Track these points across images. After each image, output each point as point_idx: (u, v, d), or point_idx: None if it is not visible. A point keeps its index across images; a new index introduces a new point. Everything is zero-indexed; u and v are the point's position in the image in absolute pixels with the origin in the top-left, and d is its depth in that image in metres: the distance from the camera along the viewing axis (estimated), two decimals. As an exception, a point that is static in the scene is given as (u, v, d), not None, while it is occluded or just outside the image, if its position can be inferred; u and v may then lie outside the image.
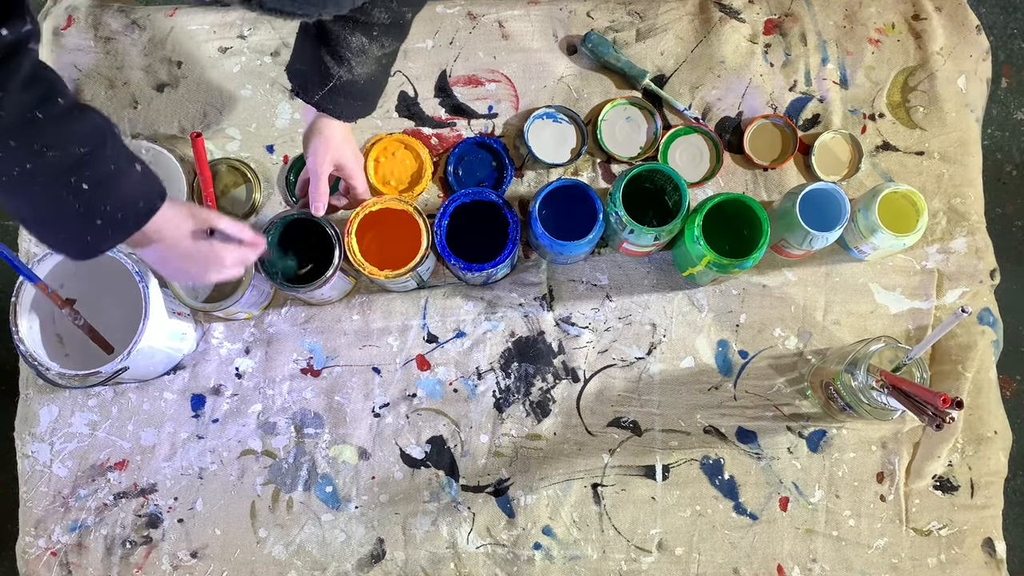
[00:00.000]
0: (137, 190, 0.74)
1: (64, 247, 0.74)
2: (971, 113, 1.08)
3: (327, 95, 0.85)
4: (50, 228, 0.73)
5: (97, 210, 0.71)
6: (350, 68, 0.83)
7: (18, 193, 0.69)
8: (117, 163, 0.72)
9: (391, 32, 0.83)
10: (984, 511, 1.00)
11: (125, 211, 0.73)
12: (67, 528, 1.00)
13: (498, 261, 0.94)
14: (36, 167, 0.67)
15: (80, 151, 0.68)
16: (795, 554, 0.99)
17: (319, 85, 0.84)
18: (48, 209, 0.70)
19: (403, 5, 0.81)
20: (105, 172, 0.70)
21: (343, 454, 1.01)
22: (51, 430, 1.02)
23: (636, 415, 1.02)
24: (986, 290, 1.05)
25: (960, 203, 1.06)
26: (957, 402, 0.77)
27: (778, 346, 1.03)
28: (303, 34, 0.86)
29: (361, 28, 0.81)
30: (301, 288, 0.94)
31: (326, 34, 0.81)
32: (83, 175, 0.69)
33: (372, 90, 0.88)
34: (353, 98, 0.87)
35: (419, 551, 0.99)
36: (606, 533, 0.99)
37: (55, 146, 0.67)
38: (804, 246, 0.98)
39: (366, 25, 0.81)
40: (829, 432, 1.01)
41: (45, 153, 0.67)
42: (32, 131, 0.66)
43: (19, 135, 0.66)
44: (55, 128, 0.67)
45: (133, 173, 0.73)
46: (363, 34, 0.82)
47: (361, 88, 0.86)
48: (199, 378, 1.03)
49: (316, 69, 0.84)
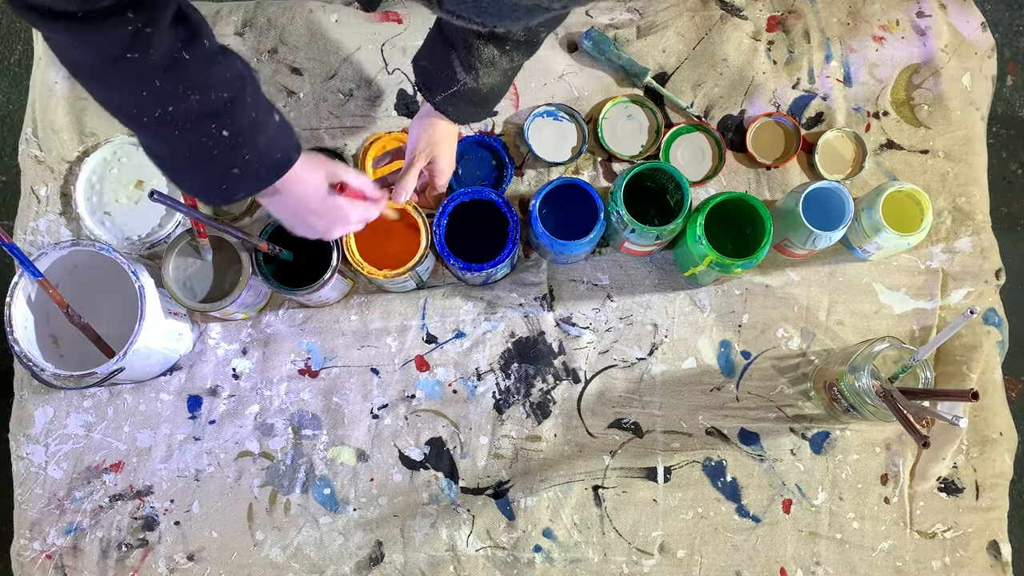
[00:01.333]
0: (275, 141, 0.73)
1: (199, 191, 0.74)
2: (976, 111, 1.07)
3: (448, 98, 0.85)
4: (186, 172, 0.72)
5: (235, 159, 0.70)
6: (476, 77, 0.83)
7: (157, 135, 0.68)
8: (257, 112, 0.70)
9: (523, 48, 0.83)
10: (989, 513, 0.99)
11: (262, 162, 0.72)
12: (62, 531, 0.99)
13: (498, 261, 0.93)
14: (178, 110, 0.65)
15: (222, 96, 0.67)
16: (798, 557, 0.98)
17: (443, 87, 0.85)
18: (186, 154, 0.69)
19: (541, 26, 0.82)
20: (245, 120, 0.69)
21: (341, 456, 1.00)
22: (46, 431, 1.01)
23: (637, 416, 1.01)
24: (991, 290, 1.04)
25: (965, 202, 1.05)
26: (973, 393, 0.79)
27: (781, 347, 1.02)
28: (436, 34, 0.86)
29: (495, 41, 0.81)
30: (299, 290, 0.93)
31: (460, 41, 0.82)
32: (224, 122, 0.68)
33: (491, 99, 0.89)
34: (472, 105, 0.87)
35: (418, 554, 0.98)
36: (607, 535, 0.99)
37: (198, 89, 0.66)
38: (807, 246, 0.97)
39: (501, 39, 0.81)
40: (832, 434, 1.00)
41: (188, 96, 0.65)
42: (178, 72, 0.64)
43: (165, 75, 0.64)
44: (200, 70, 0.66)
45: (271, 123, 0.72)
46: (496, 47, 0.81)
47: (483, 96, 0.87)
48: (196, 379, 1.02)
49: (443, 71, 0.84)
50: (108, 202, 1.03)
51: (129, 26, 0.61)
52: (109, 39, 0.61)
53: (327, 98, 1.08)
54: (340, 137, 1.07)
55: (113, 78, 0.64)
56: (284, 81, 1.08)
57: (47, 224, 1.06)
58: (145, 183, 1.03)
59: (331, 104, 1.08)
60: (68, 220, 1.06)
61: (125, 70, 0.63)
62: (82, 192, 1.03)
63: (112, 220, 1.03)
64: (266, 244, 0.92)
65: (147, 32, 0.62)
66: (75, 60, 0.65)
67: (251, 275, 0.95)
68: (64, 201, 1.06)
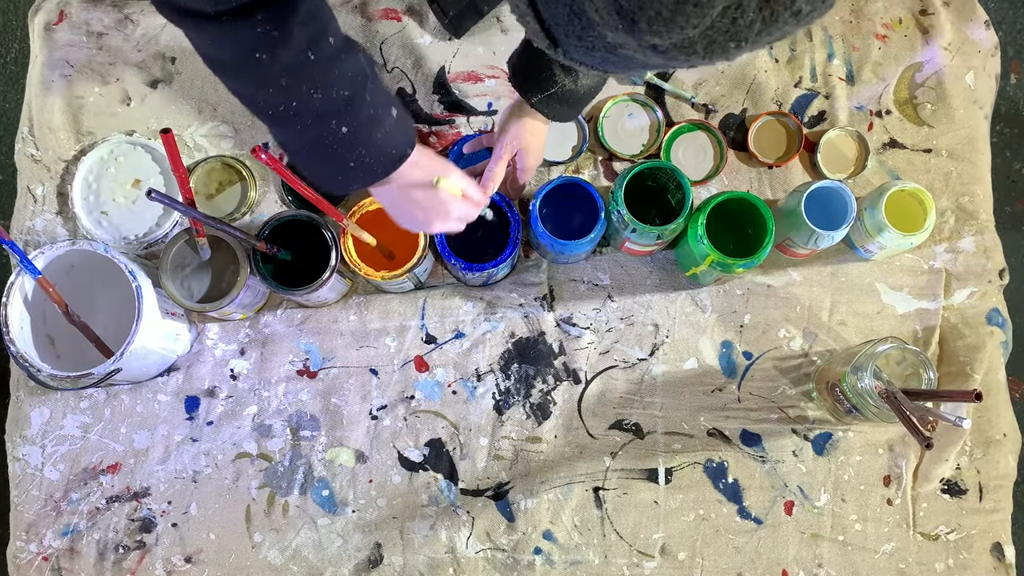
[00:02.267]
0: (390, 137, 0.74)
1: (319, 180, 0.76)
2: (980, 110, 1.06)
3: (545, 99, 0.85)
4: (307, 162, 0.75)
5: (352, 154, 0.72)
6: (575, 79, 0.84)
7: (282, 127, 0.71)
8: (375, 108, 0.72)
9: None
10: (993, 515, 0.99)
11: (377, 157, 0.74)
12: (59, 532, 0.99)
13: (499, 261, 0.93)
14: (300, 107, 0.68)
15: (343, 95, 0.69)
16: (800, 559, 0.97)
17: (540, 88, 0.85)
18: (307, 146, 0.72)
19: None
20: (364, 117, 0.71)
21: (340, 457, 1.00)
22: (42, 432, 1.01)
23: (638, 417, 1.00)
24: (995, 290, 1.03)
25: (968, 201, 1.04)
26: (976, 394, 0.79)
27: (783, 347, 1.02)
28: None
29: None
30: (297, 291, 0.92)
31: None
32: (343, 119, 0.69)
33: (587, 98, 0.88)
34: (568, 105, 0.87)
35: (417, 556, 0.97)
36: (608, 538, 0.98)
37: (321, 88, 0.67)
38: (809, 245, 0.96)
39: None
40: (835, 435, 0.99)
41: (311, 95, 0.67)
42: (303, 72, 0.66)
43: (290, 75, 0.66)
44: (323, 70, 0.67)
45: (388, 119, 0.73)
46: None
47: (579, 97, 0.87)
48: (193, 380, 1.01)
49: (541, 72, 0.84)
50: (105, 201, 1.02)
51: (258, 28, 0.62)
52: (239, 39, 0.63)
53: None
54: (339, 136, 1.06)
55: (242, 75, 0.67)
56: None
57: (43, 224, 1.05)
58: (142, 182, 1.02)
59: (330, 103, 1.07)
60: (65, 220, 1.05)
61: (253, 69, 0.65)
62: (79, 191, 1.02)
63: (109, 219, 1.02)
64: (264, 244, 0.91)
65: (275, 34, 0.63)
66: (209, 54, 0.68)
67: (249, 275, 0.94)
68: (61, 200, 1.05)
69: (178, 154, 0.81)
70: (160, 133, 0.77)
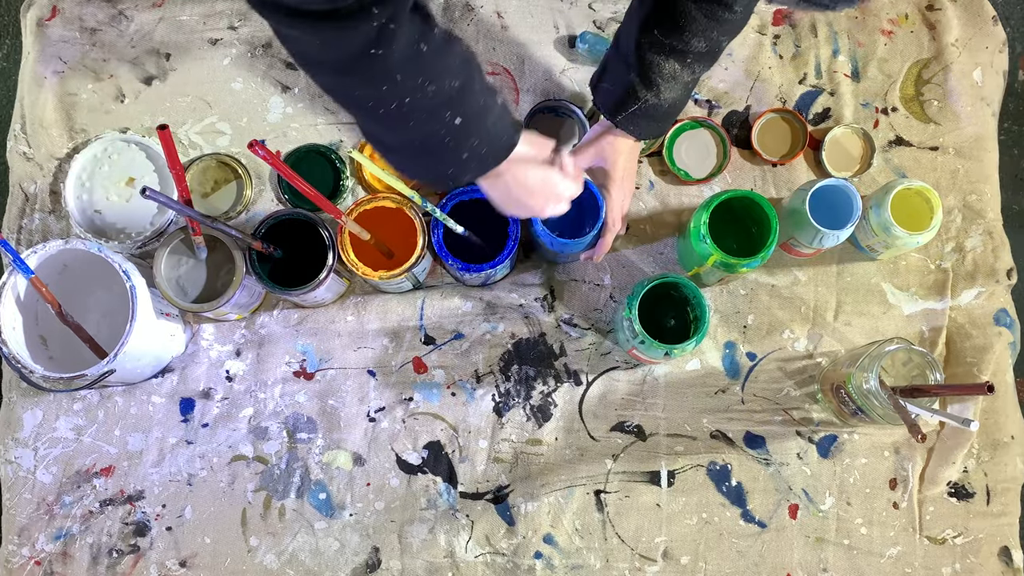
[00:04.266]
0: (500, 123, 0.73)
1: (428, 177, 0.76)
2: (987, 107, 1.05)
3: (630, 116, 0.85)
4: (414, 159, 0.73)
5: (465, 144, 0.70)
6: (658, 93, 0.83)
7: (392, 127, 0.69)
8: (484, 96, 0.70)
9: (704, 60, 0.83)
10: (1001, 519, 0.97)
11: (489, 145, 0.73)
12: (52, 536, 0.97)
13: (498, 261, 0.91)
14: (415, 102, 0.66)
15: (454, 85, 0.67)
16: (805, 563, 0.96)
17: (624, 107, 0.84)
18: (417, 141, 0.70)
19: (722, 35, 0.81)
20: (476, 105, 0.69)
21: (337, 460, 0.98)
22: (35, 435, 0.99)
23: (640, 419, 0.99)
24: (1003, 290, 1.02)
25: (976, 200, 1.03)
26: (988, 386, 0.79)
27: (787, 348, 1.00)
28: (613, 54, 0.86)
29: (676, 55, 0.81)
30: (294, 291, 0.91)
31: (639, 58, 0.81)
32: (457, 109, 0.68)
33: (672, 112, 0.87)
34: (653, 120, 0.86)
35: (416, 560, 0.96)
36: (609, 541, 0.96)
37: (435, 79, 0.66)
38: (814, 244, 0.95)
39: (682, 53, 0.80)
40: (840, 437, 0.98)
41: (425, 87, 0.66)
42: (417, 65, 0.65)
43: (405, 69, 0.64)
44: (435, 61, 0.66)
45: (496, 105, 0.72)
46: (677, 61, 0.81)
47: (664, 111, 0.86)
48: (188, 381, 1.00)
49: (623, 91, 0.84)
50: (99, 200, 1.01)
51: (374, 22, 0.60)
52: (354, 36, 0.61)
53: (323, 93, 1.05)
54: (336, 133, 1.05)
55: (354, 74, 0.64)
56: (278, 76, 1.06)
57: (36, 223, 1.04)
58: (136, 180, 1.01)
59: (327, 99, 1.05)
60: (58, 218, 1.04)
61: (367, 66, 0.63)
62: (72, 190, 1.00)
63: (103, 218, 1.00)
64: (260, 243, 0.90)
65: (391, 28, 0.61)
66: (313, 56, 0.65)
67: (245, 275, 0.93)
68: (53, 199, 1.04)
69: (175, 151, 0.79)
70: (157, 129, 0.76)
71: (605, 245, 0.93)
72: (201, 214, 0.85)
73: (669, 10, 0.78)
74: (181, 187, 0.83)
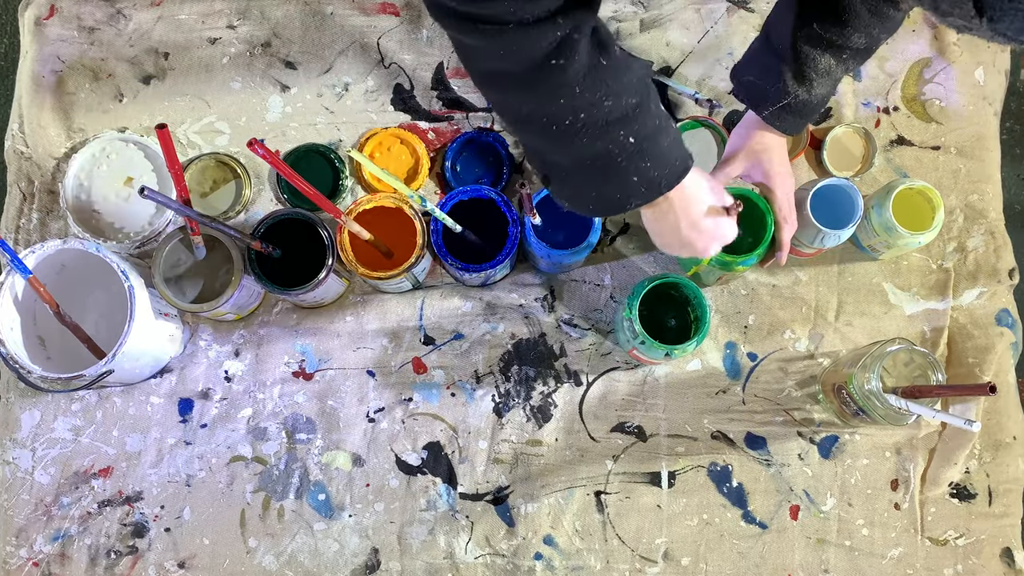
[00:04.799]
0: (674, 147, 0.70)
1: (591, 201, 0.71)
2: (989, 106, 1.05)
3: (777, 111, 0.82)
4: (583, 181, 0.69)
5: (636, 166, 0.67)
6: (809, 88, 0.81)
7: (563, 143, 0.66)
8: (659, 118, 0.68)
9: (859, 56, 0.81)
10: (1003, 520, 0.97)
11: (661, 170, 0.69)
12: (49, 537, 0.97)
13: (497, 261, 0.91)
14: (590, 117, 0.64)
15: (631, 103, 0.65)
16: (806, 564, 0.96)
17: (772, 101, 0.82)
18: (588, 162, 0.67)
19: (883, 32, 0.79)
20: (651, 127, 0.67)
21: (336, 460, 0.98)
22: (33, 435, 0.99)
23: (641, 420, 0.98)
24: (1005, 290, 1.01)
25: (978, 200, 1.03)
26: (990, 387, 0.78)
27: (788, 348, 1.00)
28: (763, 46, 0.83)
29: (833, 50, 0.79)
30: (293, 291, 0.91)
31: (793, 52, 0.79)
32: (632, 128, 0.66)
33: (818, 109, 0.85)
34: (801, 115, 0.84)
35: (415, 561, 0.96)
36: (610, 543, 0.96)
37: (612, 95, 0.64)
38: (816, 244, 0.94)
39: (839, 48, 0.78)
40: (841, 438, 0.98)
41: (603, 103, 0.64)
42: (596, 78, 0.63)
43: (584, 81, 0.63)
44: (616, 76, 0.64)
45: (670, 130, 0.70)
46: (833, 56, 0.79)
47: (812, 107, 0.83)
48: (187, 382, 1.00)
49: (772, 85, 0.81)
50: (97, 199, 1.00)
51: (558, 32, 0.59)
52: (537, 45, 0.60)
53: (322, 93, 1.05)
54: (335, 133, 1.05)
55: (532, 86, 0.63)
56: (278, 75, 1.05)
57: (34, 222, 1.03)
58: (135, 180, 1.00)
59: (326, 99, 1.05)
60: (56, 218, 1.03)
61: (547, 77, 0.62)
62: (70, 189, 1.00)
63: (101, 218, 1.00)
64: (259, 243, 0.89)
65: (574, 38, 0.60)
66: (490, 67, 0.64)
67: (244, 275, 0.92)
68: (51, 198, 1.04)
69: (174, 150, 0.79)
70: (156, 128, 0.76)
71: (784, 243, 0.90)
72: (200, 214, 0.84)
73: (832, 4, 0.76)
74: (180, 187, 0.83)
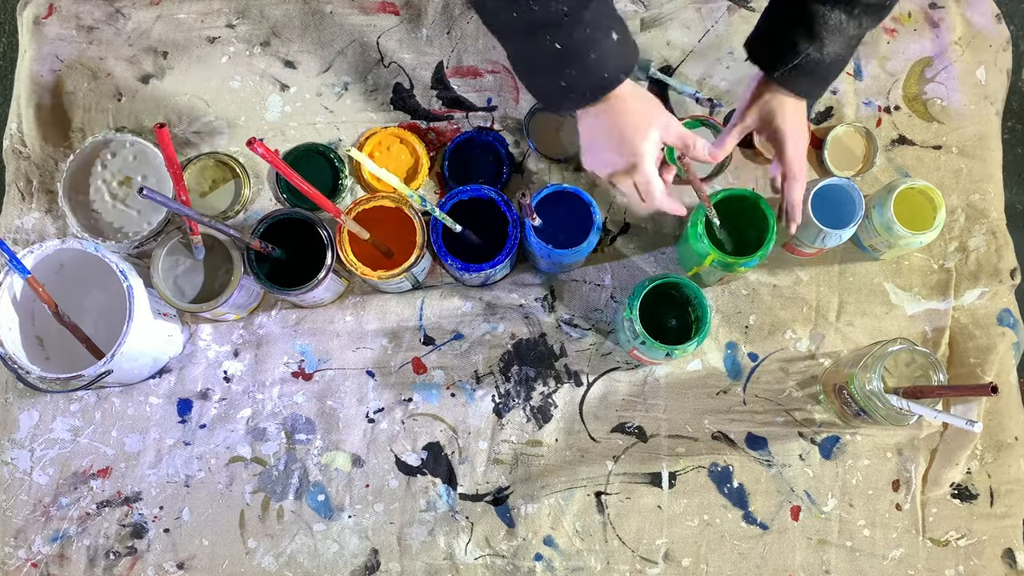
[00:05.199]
0: (604, 61, 0.72)
1: (536, 94, 0.79)
2: (991, 105, 1.04)
3: (789, 72, 0.82)
4: (524, 75, 0.78)
5: (561, 72, 0.72)
6: (820, 46, 0.80)
7: (503, 39, 0.76)
8: (592, 30, 0.70)
9: (872, 12, 0.80)
10: (1004, 520, 0.97)
11: (587, 79, 0.73)
12: (48, 538, 0.97)
13: (497, 261, 0.90)
14: (519, 17, 0.69)
15: (561, 10, 0.68)
16: (807, 565, 0.95)
17: (783, 61, 0.82)
18: (523, 59, 0.75)
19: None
20: (577, 38, 0.70)
21: (336, 461, 0.98)
22: (31, 436, 0.98)
23: (641, 420, 0.98)
24: (1006, 290, 1.01)
25: (979, 199, 1.02)
26: (992, 387, 0.78)
27: (789, 348, 1.00)
28: (774, 7, 0.83)
29: (843, 5, 0.78)
30: (292, 291, 0.90)
31: (802, 10, 0.79)
32: (556, 36, 0.70)
33: (834, 71, 0.84)
34: (813, 78, 0.83)
35: (415, 562, 0.95)
36: (610, 543, 0.96)
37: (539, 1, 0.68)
38: (816, 244, 0.94)
39: (850, 3, 0.78)
40: (843, 438, 0.97)
41: (530, 5, 0.68)
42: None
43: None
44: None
45: (607, 42, 0.72)
46: (843, 11, 0.78)
47: (826, 67, 0.82)
48: (186, 382, 0.99)
49: (782, 45, 0.81)
50: (95, 199, 1.00)
51: None
52: None
53: (321, 92, 1.05)
54: (335, 132, 1.04)
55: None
56: (277, 74, 1.05)
57: (32, 222, 1.03)
58: (134, 179, 1.00)
59: (325, 98, 1.05)
60: (54, 218, 1.03)
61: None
62: (69, 189, 0.99)
63: (99, 217, 1.00)
64: (259, 242, 0.89)
65: None
66: None
67: (243, 275, 0.92)
68: (50, 198, 1.03)
69: (173, 150, 0.79)
70: (155, 128, 0.75)
71: (795, 201, 0.88)
72: (199, 213, 0.84)
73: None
74: (179, 186, 0.83)
